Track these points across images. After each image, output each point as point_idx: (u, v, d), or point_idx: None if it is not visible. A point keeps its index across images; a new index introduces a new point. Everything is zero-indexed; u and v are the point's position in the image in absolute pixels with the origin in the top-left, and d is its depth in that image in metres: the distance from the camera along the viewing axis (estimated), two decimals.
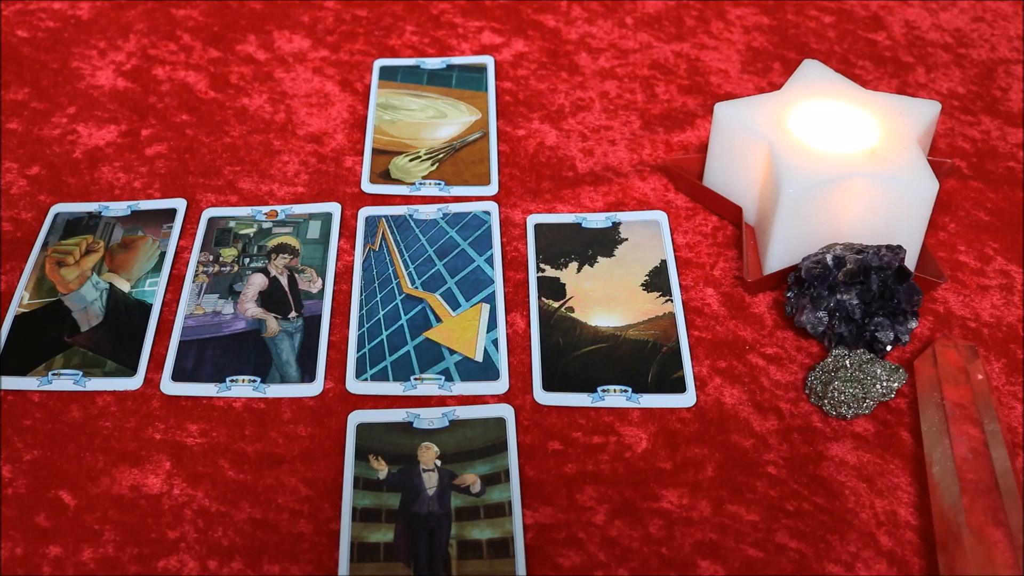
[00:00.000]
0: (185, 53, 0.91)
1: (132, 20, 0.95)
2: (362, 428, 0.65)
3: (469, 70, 0.89)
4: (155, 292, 0.72)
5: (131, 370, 0.68)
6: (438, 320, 0.71)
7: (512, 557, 0.58)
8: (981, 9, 0.97)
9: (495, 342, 0.69)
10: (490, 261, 0.74)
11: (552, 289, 0.72)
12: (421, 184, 0.80)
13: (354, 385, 0.67)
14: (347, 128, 0.85)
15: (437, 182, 0.80)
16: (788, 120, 0.72)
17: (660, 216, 0.77)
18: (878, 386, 0.65)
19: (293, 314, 0.71)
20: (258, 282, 0.73)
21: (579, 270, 0.73)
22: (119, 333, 0.70)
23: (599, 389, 0.66)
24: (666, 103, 0.87)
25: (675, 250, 0.75)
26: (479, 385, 0.67)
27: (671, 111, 0.86)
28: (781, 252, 0.70)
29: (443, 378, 0.67)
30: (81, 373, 0.68)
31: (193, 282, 0.73)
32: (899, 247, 0.67)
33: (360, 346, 0.69)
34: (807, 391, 0.66)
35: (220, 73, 0.89)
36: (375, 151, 0.82)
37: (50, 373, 0.68)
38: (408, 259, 0.74)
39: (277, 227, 0.77)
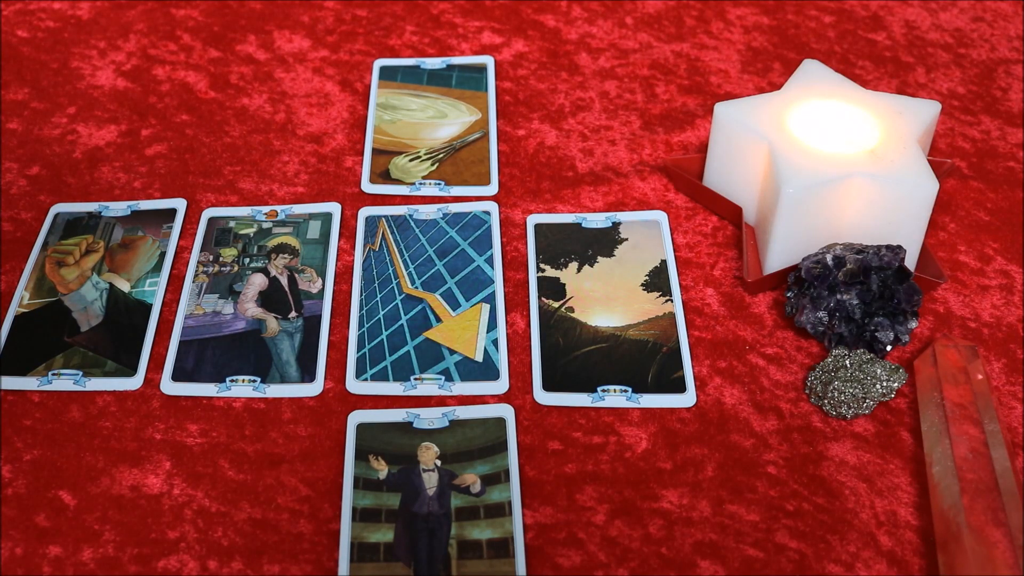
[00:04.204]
0: (185, 53, 0.91)
1: (132, 20, 0.95)
2: (362, 428, 0.65)
3: (469, 70, 0.89)
4: (155, 292, 0.72)
5: (131, 370, 0.68)
6: (438, 320, 0.71)
7: (512, 557, 0.58)
8: (981, 9, 0.97)
9: (495, 342, 0.69)
10: (490, 261, 0.74)
11: (552, 289, 0.72)
12: (421, 184, 0.80)
13: (354, 385, 0.67)
14: (347, 128, 0.85)
15: (437, 182, 0.80)
16: (788, 120, 0.72)
17: (660, 216, 0.77)
18: (878, 386, 0.65)
19: (293, 314, 0.71)
20: (258, 282, 0.73)
21: (579, 270, 0.73)
22: (119, 333, 0.70)
23: (599, 389, 0.66)
24: (666, 103, 0.87)
25: (675, 250, 0.75)
26: (479, 385, 0.67)
27: (671, 111, 0.86)
28: (781, 252, 0.70)
29: (443, 378, 0.67)
30: (81, 373, 0.68)
31: (193, 282, 0.73)
32: (899, 247, 0.67)
33: (360, 346, 0.69)
34: (807, 391, 0.66)
35: (220, 73, 0.89)
36: (375, 151, 0.82)
37: (50, 373, 0.68)
38: (408, 259, 0.74)
39: (277, 227, 0.77)
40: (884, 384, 0.65)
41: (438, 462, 0.63)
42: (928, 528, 0.60)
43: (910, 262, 0.71)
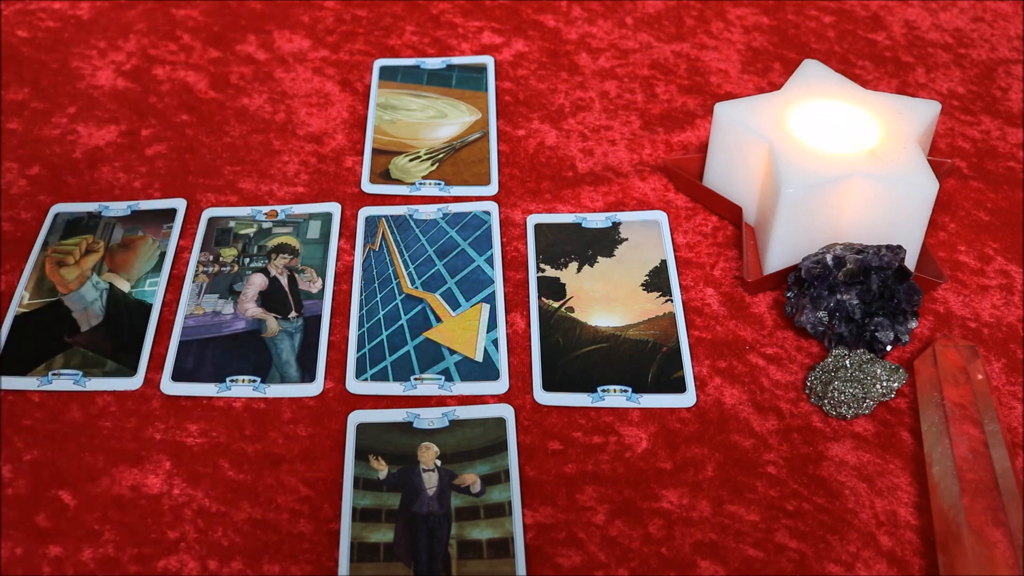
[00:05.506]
0: (185, 53, 0.91)
1: (132, 20, 0.95)
2: (362, 428, 0.65)
3: (469, 70, 0.89)
4: (155, 292, 0.72)
5: (131, 370, 0.68)
6: (438, 320, 0.71)
7: (512, 557, 0.58)
8: (981, 9, 0.97)
9: (495, 342, 0.69)
10: (490, 261, 0.74)
11: (552, 289, 0.72)
12: (421, 184, 0.80)
13: (354, 385, 0.67)
14: (347, 128, 0.85)
15: (437, 182, 0.80)
16: (788, 120, 0.72)
17: (660, 216, 0.77)
18: (878, 386, 0.65)
19: (293, 314, 0.71)
20: (258, 282, 0.73)
21: (579, 270, 0.73)
22: (119, 333, 0.70)
23: (599, 389, 0.66)
24: (666, 103, 0.87)
25: (675, 250, 0.75)
26: (479, 385, 0.67)
27: (671, 111, 0.86)
28: (781, 252, 0.70)
29: (443, 378, 0.67)
30: (81, 373, 0.68)
31: (193, 282, 0.73)
32: (899, 247, 0.67)
33: (360, 346, 0.69)
34: (807, 391, 0.66)
35: (220, 73, 0.90)
36: (375, 151, 0.82)
37: (50, 373, 0.68)
38: (408, 259, 0.74)
39: (277, 227, 0.77)
40: (884, 384, 0.65)
41: (438, 462, 0.63)
42: (928, 528, 0.60)
43: (910, 262, 0.71)
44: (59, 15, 0.95)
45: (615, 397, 0.66)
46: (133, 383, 0.67)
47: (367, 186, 0.80)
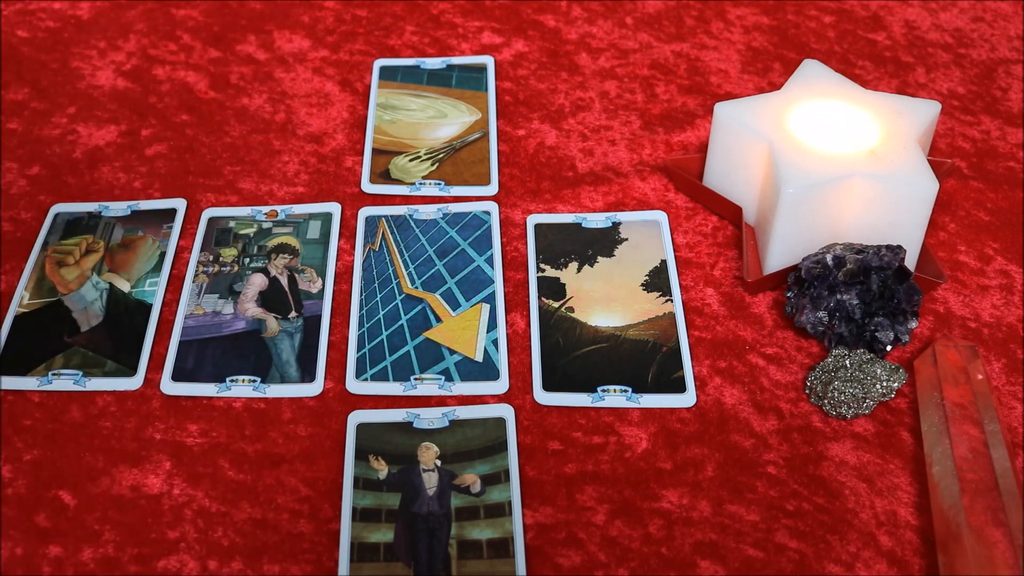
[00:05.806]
0: (185, 53, 0.91)
1: (132, 20, 0.95)
2: (362, 428, 0.65)
3: (469, 70, 0.89)
4: (155, 292, 0.72)
5: (131, 370, 0.68)
6: (438, 320, 0.71)
7: (512, 557, 0.58)
8: (981, 9, 0.97)
9: (495, 342, 0.69)
10: (490, 261, 0.74)
11: (552, 289, 0.72)
12: (421, 184, 0.80)
13: (354, 385, 0.67)
14: (347, 128, 0.85)
15: (437, 182, 0.80)
16: (788, 120, 0.72)
17: (660, 216, 0.77)
18: (878, 386, 0.65)
19: (293, 314, 0.71)
20: (258, 282, 0.73)
21: (579, 270, 0.73)
22: (119, 333, 0.70)
23: (599, 389, 0.66)
24: (666, 103, 0.87)
25: (675, 250, 0.75)
26: (479, 385, 0.67)
27: (671, 111, 0.86)
28: (781, 252, 0.70)
29: (443, 378, 0.67)
30: (81, 373, 0.68)
31: (193, 282, 0.73)
32: (899, 247, 0.67)
33: (360, 346, 0.69)
34: (807, 391, 0.66)
35: (220, 73, 0.90)
36: (375, 151, 0.82)
37: (50, 373, 0.68)
38: (408, 259, 0.74)
39: (277, 227, 0.77)
40: (884, 384, 0.65)
41: (438, 462, 0.63)
42: (928, 528, 0.60)
43: (910, 262, 0.71)
44: (59, 15, 0.96)
45: (615, 397, 0.66)
46: (133, 383, 0.67)
47: (367, 186, 0.80)
